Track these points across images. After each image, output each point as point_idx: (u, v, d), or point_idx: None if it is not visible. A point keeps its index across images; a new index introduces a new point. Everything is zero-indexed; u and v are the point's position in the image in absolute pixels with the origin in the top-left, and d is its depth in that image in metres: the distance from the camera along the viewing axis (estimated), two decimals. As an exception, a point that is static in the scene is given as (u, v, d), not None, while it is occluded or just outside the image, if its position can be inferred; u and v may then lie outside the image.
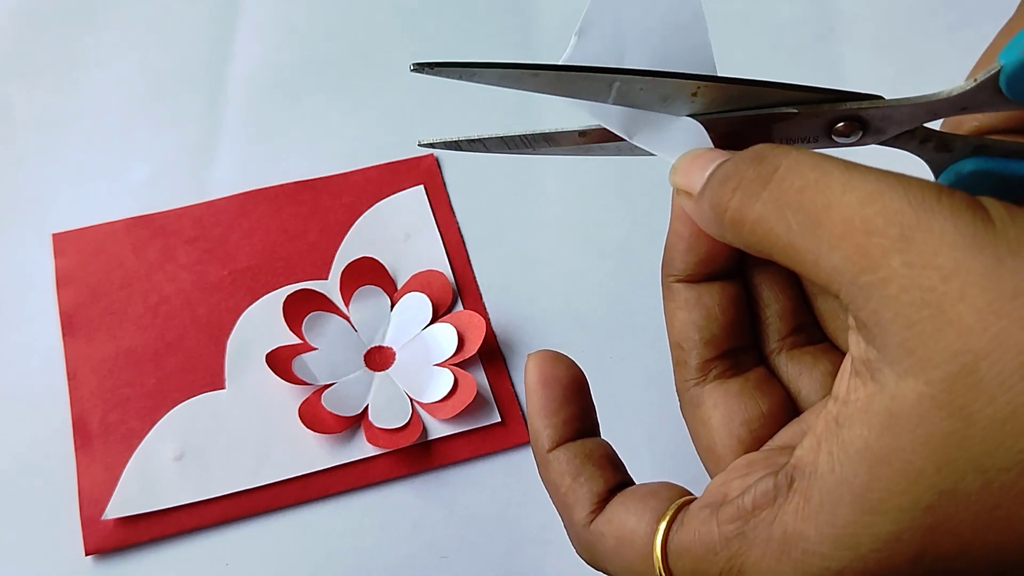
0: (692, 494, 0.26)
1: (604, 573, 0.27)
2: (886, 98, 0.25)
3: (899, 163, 0.24)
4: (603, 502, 0.27)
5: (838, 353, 0.28)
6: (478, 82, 0.26)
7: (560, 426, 0.28)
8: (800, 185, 0.22)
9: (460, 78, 0.26)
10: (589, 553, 0.27)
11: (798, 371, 0.28)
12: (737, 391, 0.27)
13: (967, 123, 0.29)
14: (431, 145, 0.29)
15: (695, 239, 0.27)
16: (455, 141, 0.29)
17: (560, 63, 0.26)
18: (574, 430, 0.28)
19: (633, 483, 0.28)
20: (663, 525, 0.25)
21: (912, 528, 0.21)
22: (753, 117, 0.26)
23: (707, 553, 0.23)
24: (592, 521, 0.27)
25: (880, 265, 0.21)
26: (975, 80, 0.24)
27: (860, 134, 0.26)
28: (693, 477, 0.42)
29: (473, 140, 0.29)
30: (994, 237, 0.20)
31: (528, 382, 0.28)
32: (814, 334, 0.28)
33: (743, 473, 0.25)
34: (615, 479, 0.27)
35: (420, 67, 0.25)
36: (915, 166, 0.25)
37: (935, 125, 0.26)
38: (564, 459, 0.28)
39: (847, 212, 0.21)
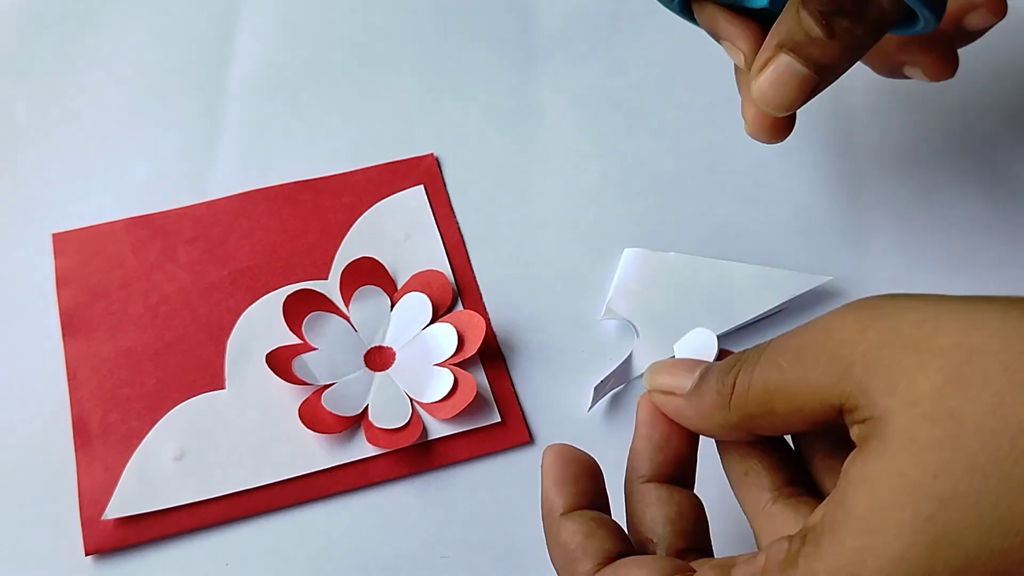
0: (691, 570, 0.27)
1: None
2: None
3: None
4: (612, 559, 0.27)
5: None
6: None
7: (575, 495, 0.29)
8: (786, 339, 0.26)
9: None
10: None
11: (790, 512, 0.29)
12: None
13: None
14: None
15: (663, 440, 0.29)
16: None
17: None
18: (588, 502, 0.29)
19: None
20: None
21: (916, 543, 0.21)
22: None
23: None
24: (598, 572, 0.27)
25: (857, 344, 0.23)
26: None
27: None
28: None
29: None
30: (949, 298, 0.23)
31: (545, 461, 0.30)
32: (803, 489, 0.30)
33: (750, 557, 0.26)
34: (625, 547, 0.28)
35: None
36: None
37: None
38: (578, 520, 0.28)
39: (824, 331, 0.24)
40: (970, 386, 0.21)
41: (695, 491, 0.30)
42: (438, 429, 0.42)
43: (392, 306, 0.45)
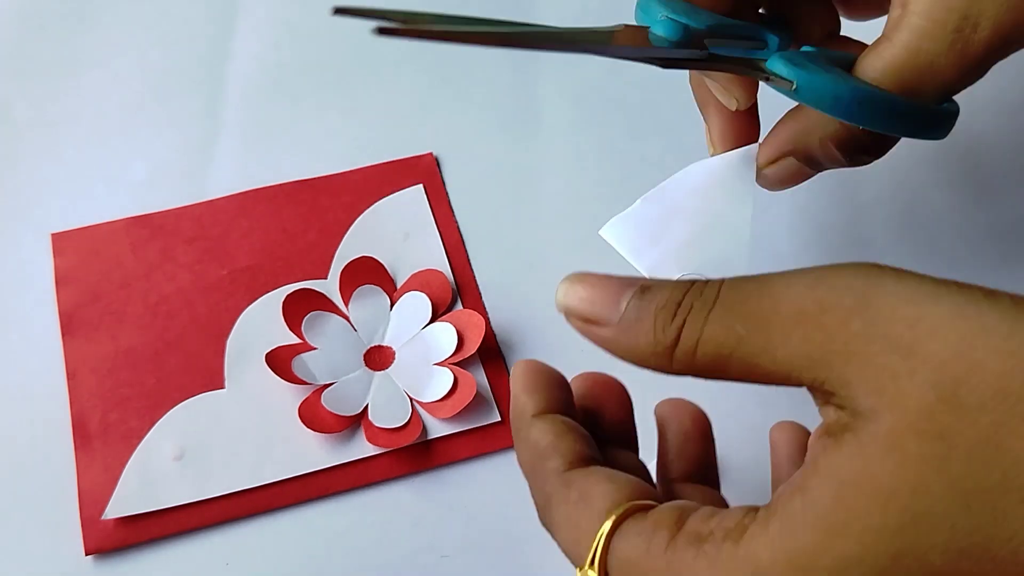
0: (651, 488, 0.26)
1: (547, 526, 0.27)
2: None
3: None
4: (582, 462, 0.26)
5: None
6: (407, 38, 0.25)
7: (546, 400, 0.28)
8: (742, 297, 0.23)
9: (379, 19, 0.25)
10: (544, 499, 0.27)
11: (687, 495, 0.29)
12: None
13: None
14: (347, 11, 0.27)
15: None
16: (379, 10, 0.26)
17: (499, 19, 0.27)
18: (558, 411, 0.28)
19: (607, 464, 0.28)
20: (632, 503, 0.24)
21: (876, 553, 0.20)
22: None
23: (654, 554, 0.23)
24: (567, 471, 0.26)
25: (839, 333, 0.21)
26: None
27: None
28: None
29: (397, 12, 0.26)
30: (947, 288, 0.21)
31: (515, 370, 0.29)
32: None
33: (715, 502, 0.25)
34: (597, 456, 0.27)
35: (341, 11, 0.25)
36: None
37: None
38: (548, 421, 0.27)
39: (796, 302, 0.22)
40: (965, 409, 0.19)
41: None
42: (438, 428, 0.42)
43: (392, 305, 0.45)
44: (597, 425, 0.30)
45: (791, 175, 0.34)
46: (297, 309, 0.44)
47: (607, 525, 0.24)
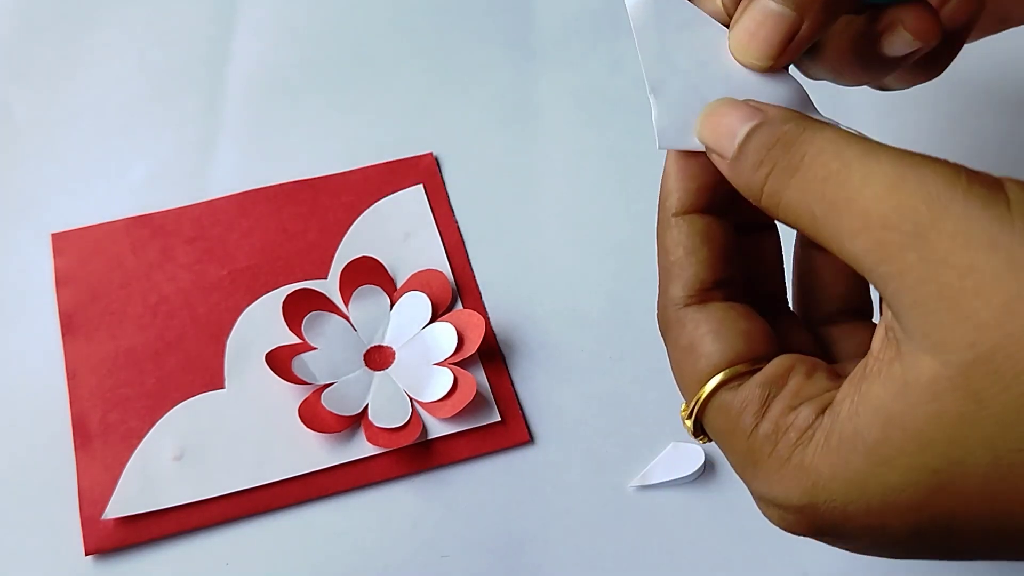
0: (760, 364, 0.26)
1: (665, 341, 0.28)
2: None
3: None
4: (705, 291, 0.27)
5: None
6: None
7: (694, 192, 0.28)
8: (823, 175, 0.23)
9: None
10: (663, 324, 0.28)
11: (832, 338, 0.29)
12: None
13: None
14: None
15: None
16: None
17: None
18: (704, 203, 0.28)
19: (740, 284, 0.28)
20: (725, 376, 0.26)
21: (917, 484, 0.22)
22: None
23: (738, 435, 0.25)
24: (686, 305, 0.27)
25: (897, 258, 0.22)
26: None
27: None
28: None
29: None
30: (1010, 238, 0.21)
31: (669, 155, 0.28)
32: (864, 312, 0.30)
33: (805, 376, 0.25)
34: (723, 273, 0.27)
35: None
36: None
37: None
38: (686, 229, 0.27)
39: (865, 206, 0.22)
40: (999, 375, 0.20)
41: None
42: (438, 428, 0.42)
43: (392, 305, 0.45)
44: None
45: (766, 26, 0.28)
46: (297, 309, 0.44)
47: (705, 389, 0.26)
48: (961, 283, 0.21)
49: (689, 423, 0.27)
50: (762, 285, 0.30)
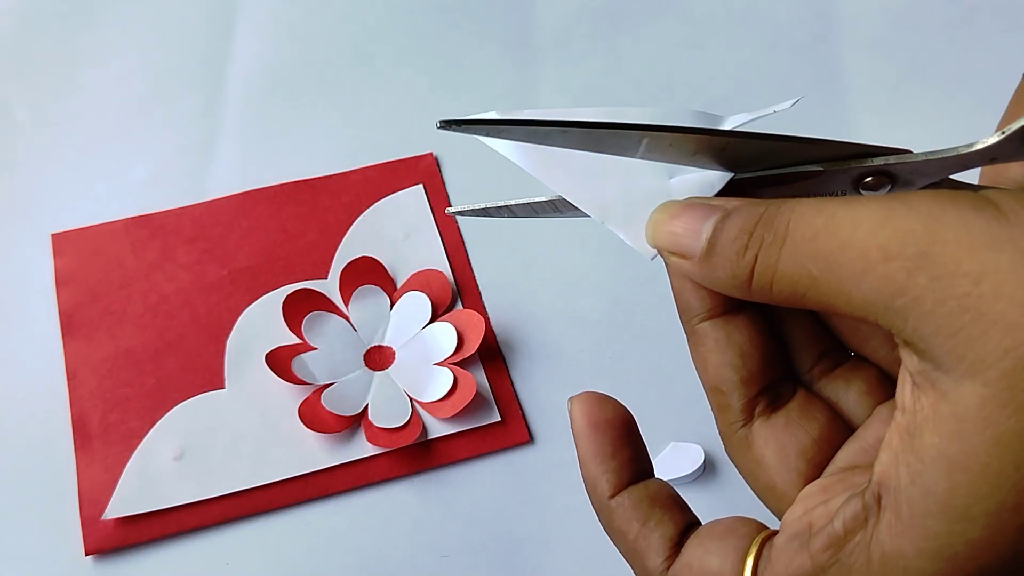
0: (768, 527, 0.25)
1: None
2: (914, 152, 0.25)
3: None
4: (676, 546, 0.26)
5: (867, 366, 0.28)
6: (505, 138, 0.26)
7: (618, 470, 0.27)
8: (811, 234, 0.22)
9: (487, 135, 0.26)
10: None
11: (836, 396, 0.27)
12: (784, 424, 0.26)
13: (1014, 171, 0.29)
14: (460, 213, 0.29)
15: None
16: (483, 208, 0.29)
17: (588, 120, 0.26)
18: (632, 473, 0.27)
19: (700, 523, 0.27)
20: (750, 561, 0.24)
21: (1003, 530, 0.20)
22: (779, 175, 0.26)
23: None
24: (669, 568, 0.26)
25: (908, 286, 0.21)
26: (1003, 133, 0.24)
27: (888, 187, 0.26)
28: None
29: (500, 207, 0.29)
30: (1010, 232, 0.20)
31: (576, 427, 0.27)
32: (838, 355, 0.28)
33: (822, 500, 0.24)
34: (684, 520, 0.27)
35: (447, 124, 0.25)
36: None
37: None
38: (628, 504, 0.27)
39: (861, 246, 0.22)
40: None
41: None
42: (438, 428, 0.42)
43: (392, 305, 0.45)
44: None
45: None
46: (297, 309, 0.44)
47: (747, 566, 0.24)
48: (978, 289, 0.20)
49: None
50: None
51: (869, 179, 0.26)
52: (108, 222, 0.47)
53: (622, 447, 0.27)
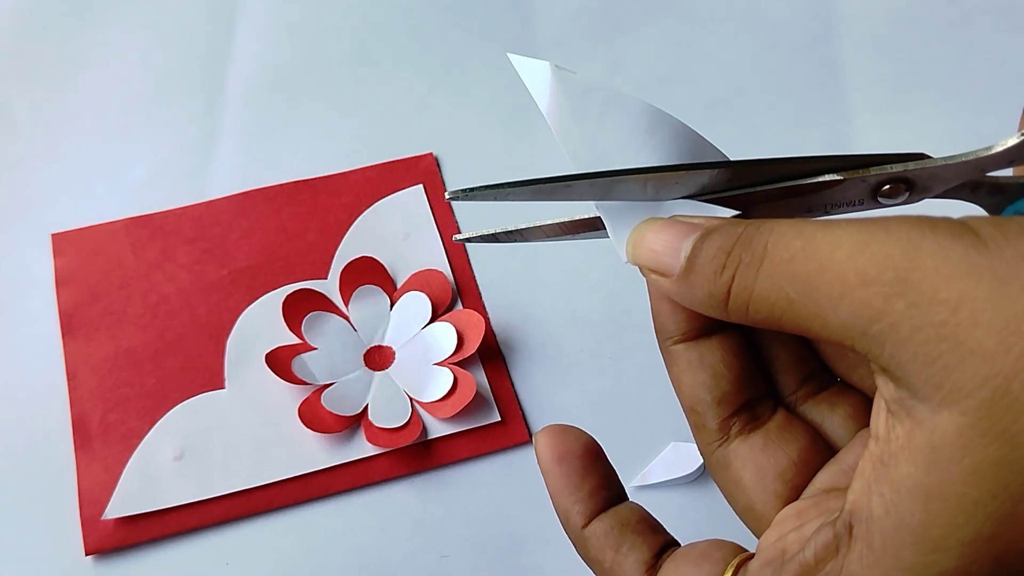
0: (745, 549, 0.25)
1: None
2: (932, 156, 0.25)
3: (949, 209, 0.24)
4: (652, 570, 0.26)
5: (853, 392, 0.27)
6: (512, 200, 0.25)
7: (588, 500, 0.27)
8: (789, 256, 0.22)
9: (495, 199, 0.26)
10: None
11: (820, 419, 0.27)
12: (762, 445, 0.26)
13: None
14: (468, 240, 0.29)
15: (678, 303, 0.26)
16: (493, 234, 0.29)
17: (591, 171, 0.26)
18: (603, 500, 0.27)
19: (677, 543, 0.27)
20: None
21: (978, 561, 0.20)
22: (794, 187, 0.26)
23: None
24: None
25: (886, 312, 0.21)
26: (1021, 135, 0.24)
27: (907, 194, 0.26)
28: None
29: (511, 231, 0.29)
30: (990, 260, 0.20)
31: (543, 461, 0.27)
32: (824, 379, 0.28)
33: (796, 525, 0.24)
34: (659, 542, 0.27)
35: (455, 195, 0.25)
36: (967, 210, 0.25)
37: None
38: (601, 533, 0.27)
39: (839, 270, 0.21)
40: (1021, 405, 0.19)
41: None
42: (438, 428, 0.42)
43: (391, 305, 0.45)
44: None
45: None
46: (297, 309, 0.44)
47: None
48: (956, 317, 0.20)
49: None
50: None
51: (887, 187, 0.25)
52: (108, 222, 0.47)
53: (589, 476, 0.27)
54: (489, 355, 0.44)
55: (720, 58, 0.54)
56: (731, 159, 0.26)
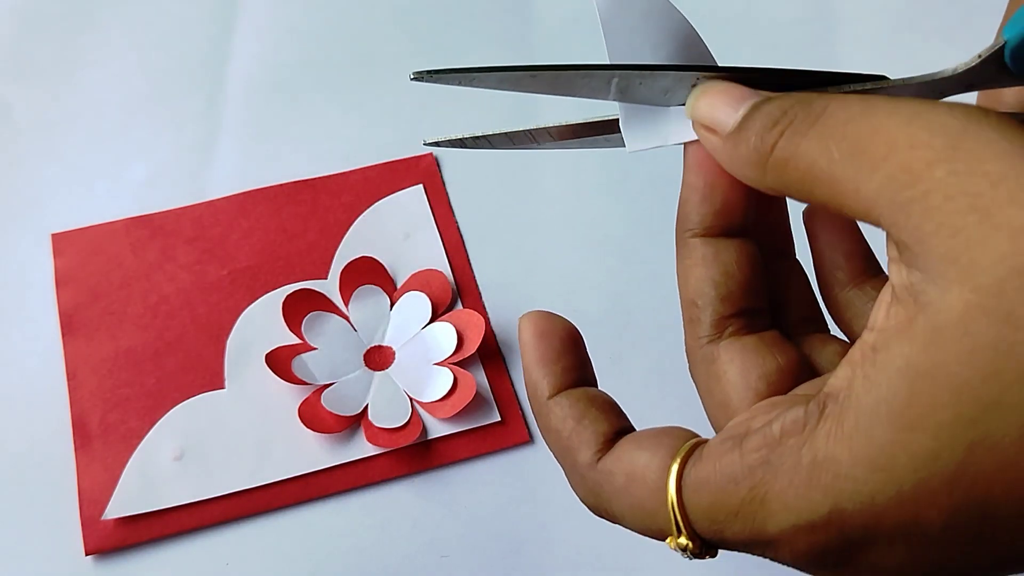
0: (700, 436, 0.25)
1: (609, 517, 0.26)
2: (891, 78, 0.25)
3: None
4: (609, 443, 0.26)
5: (848, 342, 0.27)
6: (478, 86, 0.26)
7: (559, 374, 0.27)
8: (846, 118, 0.22)
9: (459, 83, 0.26)
10: (594, 495, 0.26)
11: (810, 351, 0.27)
12: (753, 346, 0.26)
13: (1008, 97, 0.29)
14: (436, 144, 0.29)
15: (710, 189, 0.26)
16: (460, 139, 0.29)
17: (556, 63, 0.26)
18: (573, 379, 0.27)
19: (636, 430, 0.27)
20: (678, 459, 0.24)
21: (952, 445, 0.20)
22: None
23: (728, 483, 0.22)
24: (599, 460, 0.26)
25: (923, 177, 0.20)
26: (979, 56, 0.24)
27: None
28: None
29: (478, 137, 0.29)
30: None
31: (523, 337, 0.28)
32: (822, 324, 0.28)
33: (767, 411, 0.24)
34: (619, 423, 0.27)
35: (420, 75, 0.26)
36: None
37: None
38: (566, 404, 0.27)
39: (891, 132, 0.21)
40: None
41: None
42: (438, 428, 0.42)
43: (392, 305, 0.45)
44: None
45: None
46: (297, 309, 0.44)
47: (671, 490, 0.24)
48: (993, 191, 0.19)
49: (684, 539, 0.24)
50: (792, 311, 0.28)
51: None
52: (108, 222, 0.47)
53: (565, 354, 0.28)
54: (489, 355, 0.44)
55: (720, 58, 0.54)
56: (700, 64, 0.26)
